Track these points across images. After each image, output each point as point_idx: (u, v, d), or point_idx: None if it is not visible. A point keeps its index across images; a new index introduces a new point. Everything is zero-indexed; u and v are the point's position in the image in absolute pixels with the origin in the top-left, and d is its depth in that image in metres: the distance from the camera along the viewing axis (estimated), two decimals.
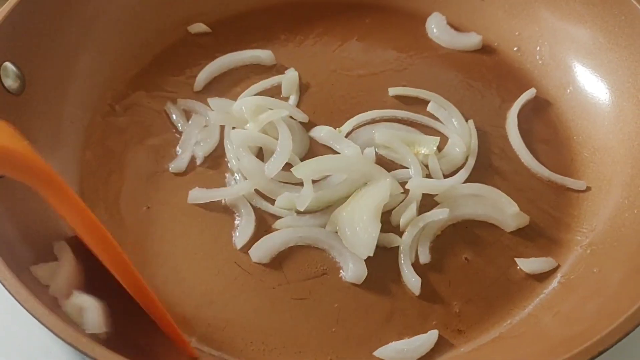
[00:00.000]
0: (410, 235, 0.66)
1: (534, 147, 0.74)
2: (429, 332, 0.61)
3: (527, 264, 0.65)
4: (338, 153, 0.73)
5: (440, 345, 0.60)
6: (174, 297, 0.63)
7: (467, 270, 0.65)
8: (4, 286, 0.52)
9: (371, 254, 0.64)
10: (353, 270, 0.64)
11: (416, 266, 0.65)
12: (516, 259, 0.66)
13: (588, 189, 0.71)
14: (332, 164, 0.69)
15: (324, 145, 0.74)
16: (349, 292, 0.64)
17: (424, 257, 0.66)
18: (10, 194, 0.59)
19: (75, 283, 0.59)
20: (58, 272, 0.59)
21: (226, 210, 0.69)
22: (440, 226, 0.67)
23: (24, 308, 0.51)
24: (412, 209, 0.67)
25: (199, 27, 0.84)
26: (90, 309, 0.55)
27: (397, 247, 0.66)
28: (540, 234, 0.68)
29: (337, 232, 0.66)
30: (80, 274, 0.60)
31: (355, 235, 0.64)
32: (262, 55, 0.81)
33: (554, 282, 0.65)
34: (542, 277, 0.65)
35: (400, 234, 0.66)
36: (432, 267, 0.65)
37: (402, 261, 0.65)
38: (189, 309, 0.62)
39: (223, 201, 0.69)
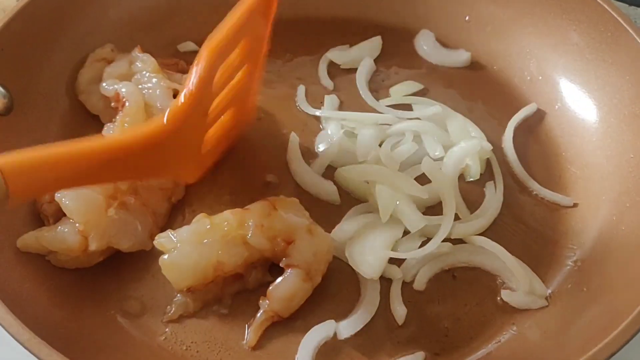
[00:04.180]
0: (408, 266, 0.65)
1: (523, 162, 0.74)
2: (415, 353, 0.60)
3: (512, 297, 0.64)
4: None
5: None
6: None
7: (456, 288, 0.65)
8: None
9: (376, 277, 0.63)
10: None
11: (407, 288, 0.65)
12: (502, 291, 0.65)
13: (576, 205, 0.71)
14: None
15: None
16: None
17: (420, 285, 0.65)
18: None
19: None
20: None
21: None
22: (442, 266, 0.66)
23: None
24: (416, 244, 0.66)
25: (189, 46, 0.84)
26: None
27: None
28: (529, 250, 0.68)
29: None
30: None
31: (362, 257, 0.64)
32: None
33: (543, 300, 0.64)
34: None
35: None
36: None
37: (393, 290, 0.64)
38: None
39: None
